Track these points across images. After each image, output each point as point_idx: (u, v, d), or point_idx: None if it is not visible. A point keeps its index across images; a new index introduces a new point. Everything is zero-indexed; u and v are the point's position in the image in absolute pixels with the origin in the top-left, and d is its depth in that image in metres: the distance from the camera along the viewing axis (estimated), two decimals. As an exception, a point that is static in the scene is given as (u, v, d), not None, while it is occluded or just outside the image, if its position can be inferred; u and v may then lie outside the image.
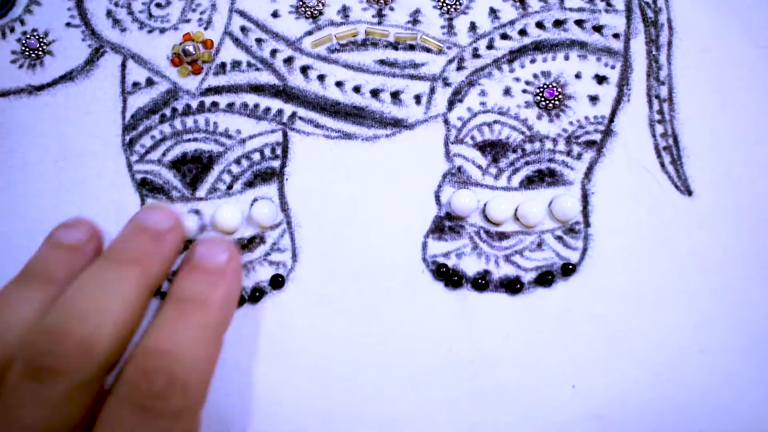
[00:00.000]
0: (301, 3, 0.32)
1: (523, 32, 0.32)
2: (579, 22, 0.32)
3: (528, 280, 0.30)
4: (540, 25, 0.32)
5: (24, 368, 0.22)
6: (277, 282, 0.30)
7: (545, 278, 0.30)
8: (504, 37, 0.32)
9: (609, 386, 0.29)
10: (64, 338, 0.22)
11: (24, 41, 0.32)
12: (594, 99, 0.31)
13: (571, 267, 0.30)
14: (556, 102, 0.31)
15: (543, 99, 0.31)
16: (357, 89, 0.31)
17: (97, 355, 0.22)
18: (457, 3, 0.32)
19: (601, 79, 0.32)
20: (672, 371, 0.30)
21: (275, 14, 0.32)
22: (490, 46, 0.32)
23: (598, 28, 0.32)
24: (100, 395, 0.23)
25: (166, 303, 0.24)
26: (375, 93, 0.31)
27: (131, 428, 0.21)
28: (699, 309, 0.30)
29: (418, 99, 0.31)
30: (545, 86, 0.31)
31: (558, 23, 0.32)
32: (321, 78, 0.31)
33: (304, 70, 0.31)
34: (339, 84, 0.31)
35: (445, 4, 0.32)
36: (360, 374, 0.29)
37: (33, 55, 0.32)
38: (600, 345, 0.30)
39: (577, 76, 0.31)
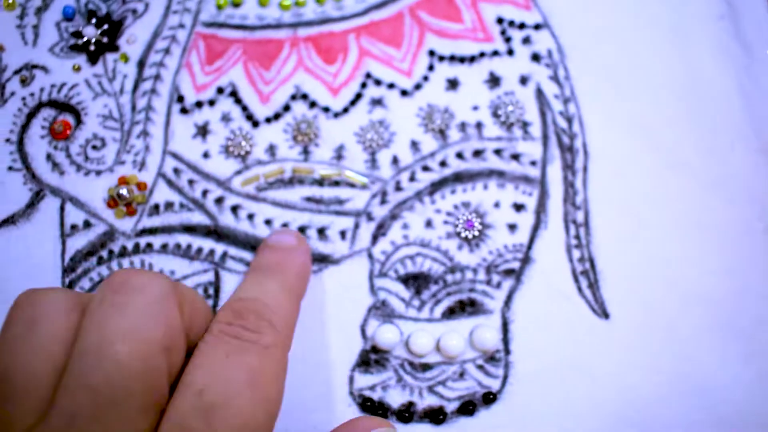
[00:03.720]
0: (230, 142, 0.33)
1: (443, 163, 0.33)
2: (497, 151, 0.33)
3: (451, 410, 0.31)
4: (460, 155, 0.33)
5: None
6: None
7: (467, 408, 0.31)
8: (425, 168, 0.33)
9: None
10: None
11: (-32, 188, 0.33)
12: (512, 227, 0.33)
13: (492, 396, 0.31)
14: (476, 233, 0.32)
15: (463, 230, 0.32)
16: (285, 226, 0.33)
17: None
18: (379, 138, 0.33)
19: (519, 207, 0.33)
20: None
21: (206, 155, 0.33)
22: (412, 179, 0.33)
23: (515, 156, 0.33)
24: None
25: (250, 271, 0.30)
26: (302, 230, 0.33)
27: (227, 351, 0.24)
28: None
29: (343, 234, 0.33)
30: (465, 219, 0.32)
31: (477, 153, 0.33)
32: (250, 217, 0.33)
33: (234, 209, 0.33)
34: (268, 222, 0.33)
35: (366, 140, 0.33)
36: None
37: (-23, 201, 0.33)
38: (523, 469, 0.31)
39: (496, 205, 0.33)
